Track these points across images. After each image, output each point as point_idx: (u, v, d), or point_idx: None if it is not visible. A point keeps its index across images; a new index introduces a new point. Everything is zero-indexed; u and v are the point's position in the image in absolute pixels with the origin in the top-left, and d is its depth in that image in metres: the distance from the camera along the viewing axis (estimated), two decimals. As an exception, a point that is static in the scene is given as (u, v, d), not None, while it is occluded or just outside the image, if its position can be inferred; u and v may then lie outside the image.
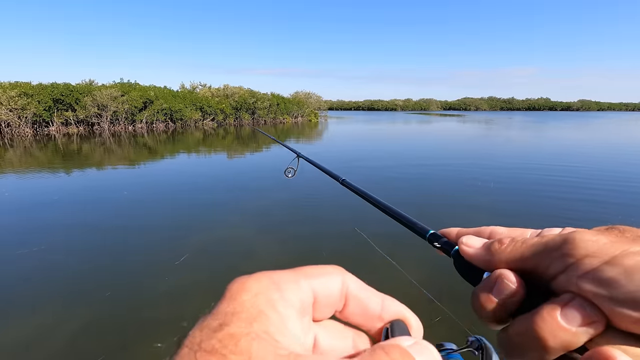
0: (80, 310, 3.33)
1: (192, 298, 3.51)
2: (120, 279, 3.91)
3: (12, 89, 22.91)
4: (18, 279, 3.93)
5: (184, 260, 4.27)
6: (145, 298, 3.54)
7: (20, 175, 9.94)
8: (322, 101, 54.07)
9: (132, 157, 14.32)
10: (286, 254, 4.57)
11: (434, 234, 0.39)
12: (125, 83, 30.38)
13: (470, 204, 6.78)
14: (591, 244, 0.23)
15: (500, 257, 0.28)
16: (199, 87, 39.75)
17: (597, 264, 0.22)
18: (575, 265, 0.23)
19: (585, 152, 15.10)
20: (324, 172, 1.03)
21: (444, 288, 3.57)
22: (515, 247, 0.28)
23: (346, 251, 4.66)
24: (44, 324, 3.12)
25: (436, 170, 10.53)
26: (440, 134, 26.79)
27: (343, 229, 5.37)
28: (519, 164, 11.37)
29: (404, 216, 0.48)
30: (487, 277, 0.29)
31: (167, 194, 7.77)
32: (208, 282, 3.82)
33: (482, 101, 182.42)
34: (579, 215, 5.98)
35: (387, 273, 3.89)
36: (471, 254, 0.31)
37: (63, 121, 25.59)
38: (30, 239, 5.02)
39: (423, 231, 0.42)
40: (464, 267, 0.33)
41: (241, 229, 5.45)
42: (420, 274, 3.96)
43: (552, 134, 26.50)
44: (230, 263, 4.28)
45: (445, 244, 0.36)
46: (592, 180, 8.80)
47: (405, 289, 3.37)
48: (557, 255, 0.25)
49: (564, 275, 0.24)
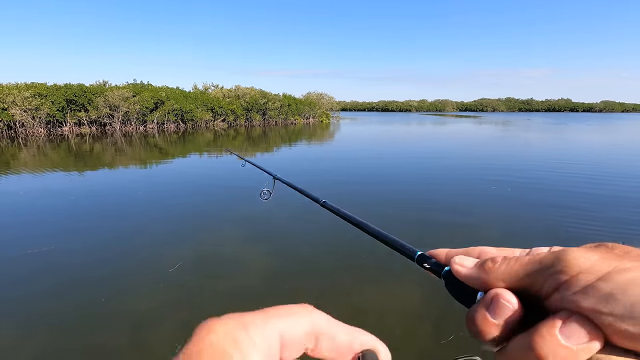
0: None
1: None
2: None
3: (27, 89, 23.31)
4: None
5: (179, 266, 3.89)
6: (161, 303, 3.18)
7: (33, 175, 9.99)
8: (334, 102, 53.55)
9: (143, 157, 14.29)
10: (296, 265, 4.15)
11: (422, 255, 0.38)
12: (137, 84, 30.66)
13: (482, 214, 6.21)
14: (583, 260, 0.24)
15: (494, 275, 0.28)
16: (211, 87, 39.88)
17: (592, 280, 0.22)
18: (570, 282, 0.23)
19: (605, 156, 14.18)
20: (303, 194, 1.00)
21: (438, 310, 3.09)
22: (509, 265, 0.28)
23: (351, 265, 4.21)
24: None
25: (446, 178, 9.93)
26: (454, 136, 25.96)
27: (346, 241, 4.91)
28: (540, 167, 10.66)
29: (390, 237, 0.47)
30: (482, 297, 0.28)
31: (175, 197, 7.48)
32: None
33: (500, 102, 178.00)
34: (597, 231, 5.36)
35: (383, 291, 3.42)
36: (464, 274, 0.31)
37: (76, 121, 25.93)
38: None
39: (411, 252, 0.41)
40: (456, 287, 0.32)
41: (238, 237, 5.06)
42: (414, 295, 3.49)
43: (571, 135, 25.32)
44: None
45: (435, 265, 0.36)
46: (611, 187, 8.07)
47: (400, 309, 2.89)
48: (551, 272, 0.25)
49: (558, 292, 0.24)
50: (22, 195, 7.73)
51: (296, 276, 4.03)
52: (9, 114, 22.33)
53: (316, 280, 3.97)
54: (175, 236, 5.18)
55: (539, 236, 5.16)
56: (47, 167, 11.58)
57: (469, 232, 5.36)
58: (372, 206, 6.76)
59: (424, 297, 3.56)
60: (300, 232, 5.44)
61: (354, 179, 9.33)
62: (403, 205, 6.75)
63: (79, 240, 5.07)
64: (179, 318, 3.20)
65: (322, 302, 3.46)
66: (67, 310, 3.35)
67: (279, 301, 0.29)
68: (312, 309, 0.25)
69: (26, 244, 4.87)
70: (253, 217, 6.02)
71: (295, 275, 4.06)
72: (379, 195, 7.57)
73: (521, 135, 25.84)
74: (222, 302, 3.50)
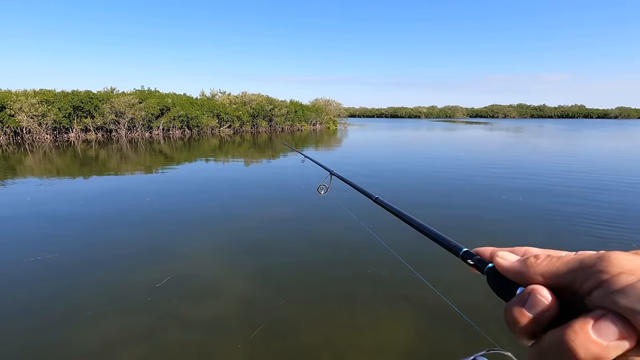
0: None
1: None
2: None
3: (34, 96, 23.49)
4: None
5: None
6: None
7: (39, 181, 9.79)
8: (342, 108, 53.13)
9: (148, 163, 14.12)
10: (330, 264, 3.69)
11: (467, 252, 0.40)
12: (144, 90, 30.76)
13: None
14: (626, 262, 0.24)
15: (535, 270, 0.29)
16: (218, 94, 39.93)
17: (632, 280, 0.23)
18: (610, 281, 0.24)
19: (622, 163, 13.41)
20: (357, 190, 1.04)
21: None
22: (552, 262, 0.28)
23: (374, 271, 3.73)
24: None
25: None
26: (465, 143, 25.26)
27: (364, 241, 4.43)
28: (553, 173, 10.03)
29: (437, 234, 0.50)
30: (520, 292, 0.29)
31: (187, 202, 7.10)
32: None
33: (511, 108, 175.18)
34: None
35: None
36: (506, 267, 0.32)
37: (82, 128, 26.04)
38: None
39: (456, 249, 0.43)
40: (498, 282, 0.33)
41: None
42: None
43: (584, 142, 24.37)
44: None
45: (478, 262, 0.37)
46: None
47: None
48: (592, 272, 0.25)
49: (598, 291, 0.24)
50: (29, 201, 7.73)
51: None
52: (16, 121, 22.49)
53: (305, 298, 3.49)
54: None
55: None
56: (53, 173, 11.55)
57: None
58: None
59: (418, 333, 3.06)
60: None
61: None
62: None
63: (98, 247, 4.72)
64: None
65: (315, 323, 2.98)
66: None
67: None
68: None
69: (30, 251, 4.80)
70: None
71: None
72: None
73: (531, 140, 25.03)
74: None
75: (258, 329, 3.10)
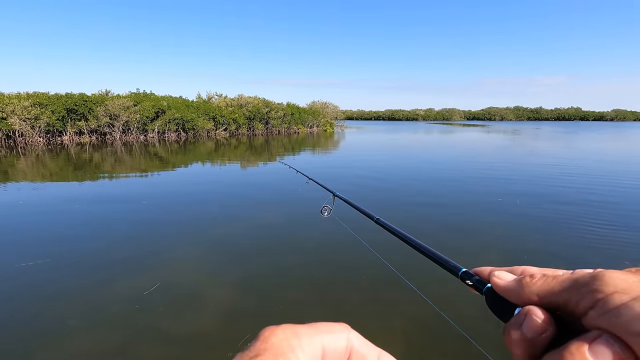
0: None
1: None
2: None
3: (27, 99, 23.21)
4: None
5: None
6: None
7: (31, 185, 9.52)
8: (339, 111, 53.03)
9: (143, 166, 13.89)
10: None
11: (466, 272, 0.40)
12: (139, 93, 30.49)
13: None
14: (620, 281, 0.24)
15: (530, 289, 0.29)
16: (214, 97, 39.74)
17: (626, 299, 0.22)
18: (604, 300, 0.23)
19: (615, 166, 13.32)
20: (359, 211, 1.07)
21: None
22: (547, 281, 0.28)
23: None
24: None
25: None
26: (462, 145, 25.18)
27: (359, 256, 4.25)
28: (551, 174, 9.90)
29: (437, 254, 0.51)
30: (517, 313, 0.29)
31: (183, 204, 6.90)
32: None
33: (508, 111, 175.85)
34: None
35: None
36: (502, 286, 0.32)
37: (76, 131, 25.75)
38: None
39: (455, 269, 0.43)
40: (496, 303, 0.32)
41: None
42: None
43: (583, 144, 24.34)
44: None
45: (477, 282, 0.37)
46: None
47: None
48: (587, 291, 0.25)
49: (593, 311, 0.24)
50: (21, 205, 7.56)
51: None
52: (8, 124, 22.20)
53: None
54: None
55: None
56: (46, 177, 11.32)
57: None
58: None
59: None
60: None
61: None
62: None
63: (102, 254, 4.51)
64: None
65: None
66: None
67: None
68: (349, 328, 0.28)
69: (23, 256, 4.67)
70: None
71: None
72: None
73: (528, 143, 24.97)
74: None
75: (242, 341, 2.92)
